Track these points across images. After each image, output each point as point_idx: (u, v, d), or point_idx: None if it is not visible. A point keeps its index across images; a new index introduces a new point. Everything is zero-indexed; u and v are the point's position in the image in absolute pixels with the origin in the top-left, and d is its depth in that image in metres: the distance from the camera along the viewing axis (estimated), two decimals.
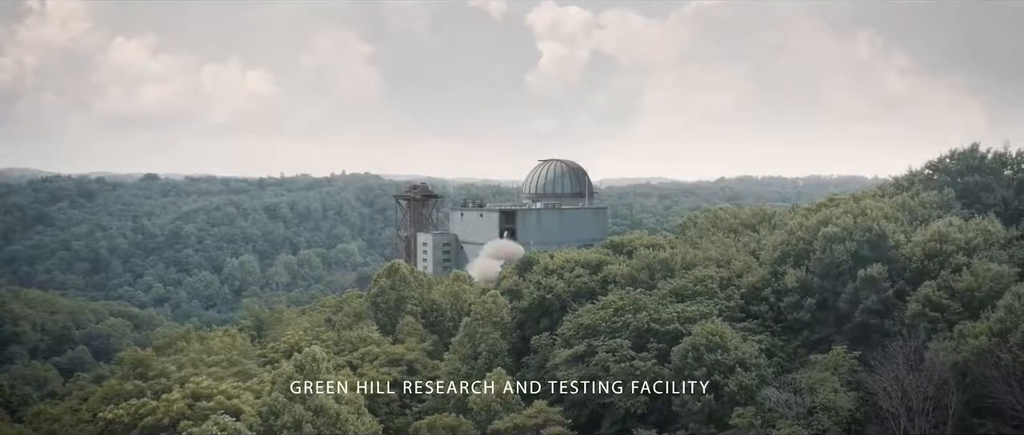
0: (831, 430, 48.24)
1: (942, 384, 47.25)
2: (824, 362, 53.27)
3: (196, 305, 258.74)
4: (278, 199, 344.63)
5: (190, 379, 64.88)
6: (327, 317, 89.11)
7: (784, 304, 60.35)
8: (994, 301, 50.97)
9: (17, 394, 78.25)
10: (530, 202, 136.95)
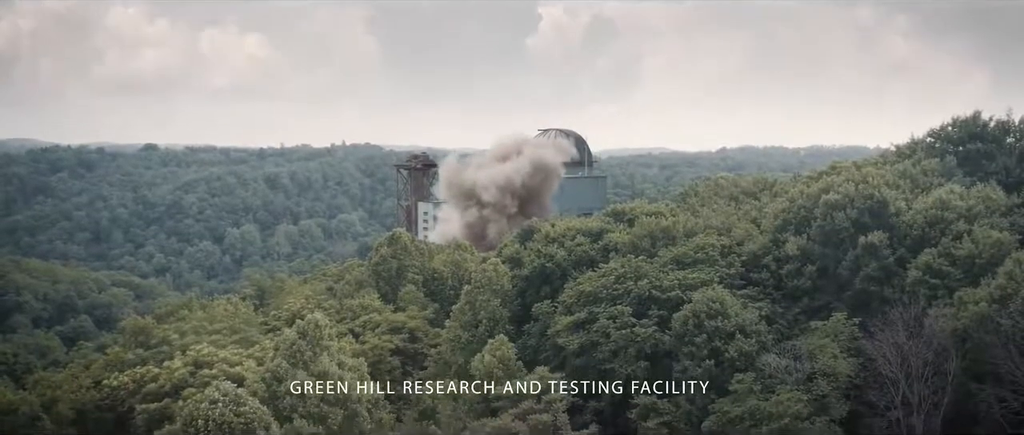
0: (830, 396, 48.53)
1: (942, 350, 47.50)
2: (824, 329, 53.46)
3: (197, 275, 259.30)
4: (278, 169, 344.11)
5: (192, 347, 65.29)
6: (328, 286, 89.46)
7: (784, 271, 60.45)
8: (994, 268, 51.10)
9: (21, 362, 78.76)
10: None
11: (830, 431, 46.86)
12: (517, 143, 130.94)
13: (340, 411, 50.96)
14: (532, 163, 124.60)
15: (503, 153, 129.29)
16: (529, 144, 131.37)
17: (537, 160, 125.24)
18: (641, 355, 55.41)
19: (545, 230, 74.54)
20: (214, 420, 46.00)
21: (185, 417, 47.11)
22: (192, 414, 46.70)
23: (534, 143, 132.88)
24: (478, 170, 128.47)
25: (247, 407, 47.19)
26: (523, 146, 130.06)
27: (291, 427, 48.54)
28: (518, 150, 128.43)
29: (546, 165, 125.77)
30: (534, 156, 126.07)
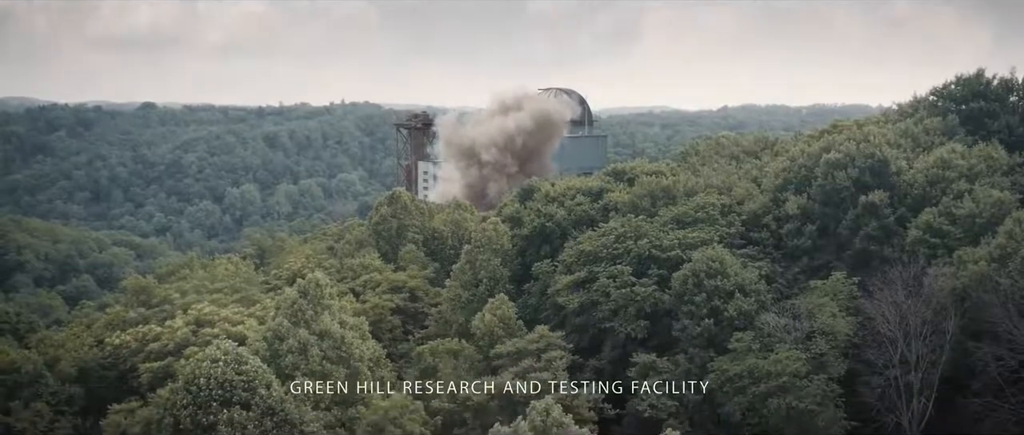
0: (829, 354, 48.82)
1: (940, 309, 47.68)
2: (823, 288, 53.60)
3: (198, 234, 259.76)
4: (277, 128, 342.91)
5: (193, 306, 65.49)
6: (329, 245, 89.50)
7: (785, 231, 60.44)
8: (995, 227, 51.11)
9: (23, 321, 78.88)
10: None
11: (828, 389, 47.19)
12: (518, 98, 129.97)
13: (342, 369, 51.30)
14: (533, 117, 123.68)
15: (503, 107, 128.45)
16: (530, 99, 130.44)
17: (539, 113, 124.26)
18: (641, 314, 55.63)
19: (545, 189, 74.42)
20: (216, 378, 46.29)
21: (187, 376, 47.38)
22: (194, 373, 46.98)
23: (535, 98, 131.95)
24: (478, 125, 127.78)
25: (248, 366, 47.48)
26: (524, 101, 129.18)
27: (293, 385, 48.89)
28: (519, 105, 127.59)
29: (549, 116, 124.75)
30: (536, 109, 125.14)
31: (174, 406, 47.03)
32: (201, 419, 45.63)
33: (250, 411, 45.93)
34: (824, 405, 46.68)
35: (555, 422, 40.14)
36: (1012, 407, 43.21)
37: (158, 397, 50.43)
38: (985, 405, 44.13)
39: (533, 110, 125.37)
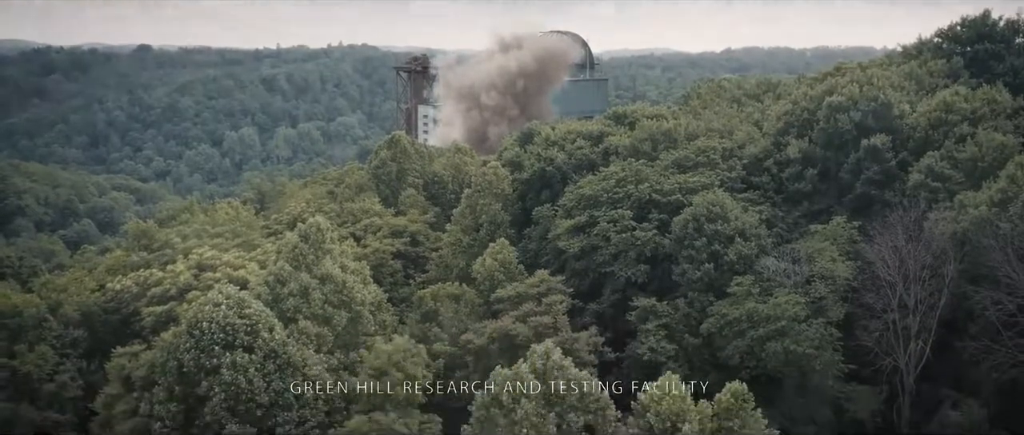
0: (828, 298, 49.00)
1: (940, 253, 47.71)
2: (823, 232, 53.59)
3: (197, 179, 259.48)
4: (275, 71, 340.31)
5: (195, 250, 65.62)
6: (329, 189, 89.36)
7: (786, 175, 60.26)
8: (996, 171, 50.90)
9: (26, 266, 79.20)
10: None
11: (826, 333, 47.49)
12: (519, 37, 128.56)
13: (343, 313, 51.61)
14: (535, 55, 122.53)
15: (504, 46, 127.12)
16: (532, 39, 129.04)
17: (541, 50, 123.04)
18: (641, 258, 55.73)
19: (545, 133, 74.03)
20: (218, 322, 46.63)
21: (190, 319, 47.71)
22: (196, 316, 47.29)
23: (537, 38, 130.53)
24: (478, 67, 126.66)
25: (251, 309, 47.76)
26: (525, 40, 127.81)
27: (295, 328, 49.24)
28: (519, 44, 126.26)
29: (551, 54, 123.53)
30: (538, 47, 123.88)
31: (177, 349, 47.46)
32: (204, 362, 46.11)
33: (252, 354, 46.37)
34: (822, 349, 47.00)
35: (555, 365, 40.52)
36: (1009, 350, 43.50)
37: (161, 341, 50.85)
38: (982, 348, 44.41)
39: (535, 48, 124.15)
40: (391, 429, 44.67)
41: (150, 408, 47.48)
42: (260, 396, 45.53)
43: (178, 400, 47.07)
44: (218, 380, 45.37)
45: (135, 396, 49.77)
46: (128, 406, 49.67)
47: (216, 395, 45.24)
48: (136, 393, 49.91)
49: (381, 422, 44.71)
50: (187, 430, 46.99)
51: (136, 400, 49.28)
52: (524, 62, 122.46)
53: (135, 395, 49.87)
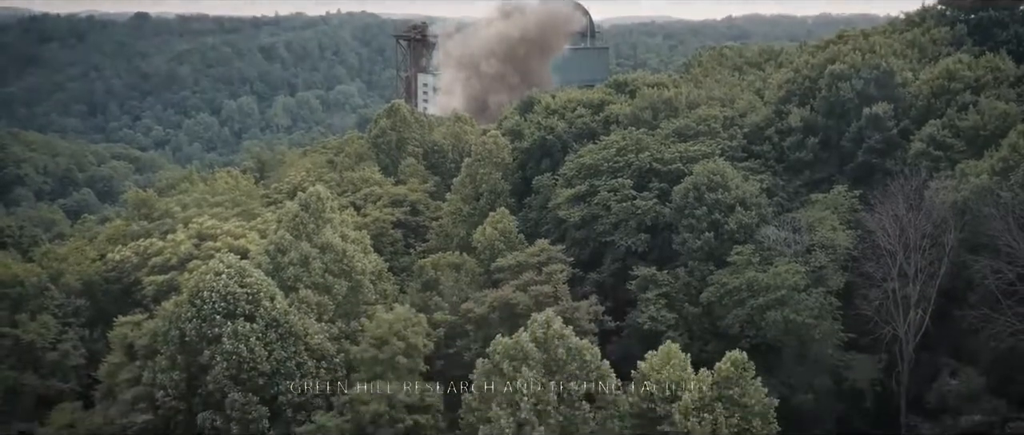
0: (828, 267, 49.05)
1: (940, 222, 47.67)
2: (824, 201, 53.51)
3: (196, 148, 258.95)
4: (274, 39, 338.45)
5: (195, 220, 65.65)
6: (329, 158, 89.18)
7: (787, 143, 60.07)
8: (998, 140, 50.70)
9: (26, 235, 79.18)
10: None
11: (826, 302, 47.61)
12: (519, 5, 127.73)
13: (343, 282, 51.72)
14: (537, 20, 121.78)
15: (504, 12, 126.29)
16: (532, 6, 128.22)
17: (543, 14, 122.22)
18: (641, 227, 55.72)
19: (546, 102, 73.69)
20: (219, 291, 46.76)
21: (191, 289, 47.85)
22: (198, 286, 47.43)
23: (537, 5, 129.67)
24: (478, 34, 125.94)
25: (252, 278, 47.87)
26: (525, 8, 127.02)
27: (295, 297, 49.37)
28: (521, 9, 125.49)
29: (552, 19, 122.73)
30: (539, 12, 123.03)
31: (179, 319, 47.65)
32: (206, 331, 46.32)
33: (254, 323, 46.56)
34: (821, 318, 47.13)
35: (556, 334, 40.69)
36: (1008, 319, 43.58)
37: (163, 310, 51.04)
38: (981, 317, 44.49)
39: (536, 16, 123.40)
40: (393, 397, 44.98)
41: (153, 377, 47.80)
42: (262, 365, 45.79)
43: (180, 369, 47.35)
44: (220, 349, 45.59)
45: (137, 365, 50.07)
46: (131, 375, 49.98)
47: (218, 364, 45.49)
48: (139, 362, 50.19)
49: (383, 390, 44.98)
50: (190, 399, 47.33)
51: (139, 369, 49.58)
52: (525, 30, 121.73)
53: (137, 364, 50.16)
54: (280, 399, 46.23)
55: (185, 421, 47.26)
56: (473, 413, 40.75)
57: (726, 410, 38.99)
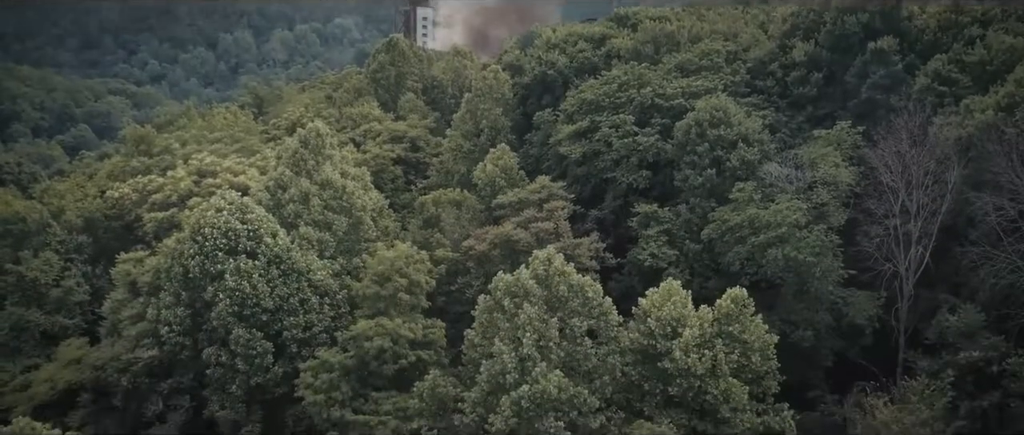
0: (830, 204, 48.92)
1: (943, 159, 47.42)
2: (827, 137, 53.08)
3: (193, 83, 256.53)
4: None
5: (194, 156, 65.38)
6: (327, 94, 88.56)
7: (791, 79, 59.37)
8: (1005, 75, 50.08)
9: (25, 171, 79.20)
10: None
11: (827, 240, 47.61)
12: None
13: (344, 219, 51.71)
14: None
15: None
16: None
17: None
18: (643, 164, 55.50)
19: (546, 36, 72.67)
20: (220, 228, 46.78)
21: (192, 225, 47.86)
22: (199, 222, 47.44)
23: None
24: None
25: (253, 215, 47.87)
26: None
27: (296, 234, 49.41)
28: None
29: None
30: None
31: (181, 255, 47.79)
32: (209, 268, 46.49)
33: (256, 260, 46.68)
34: (822, 255, 47.17)
35: (557, 271, 40.84)
36: (1008, 256, 43.64)
37: (165, 247, 51.18)
38: (982, 254, 44.55)
39: None
40: (396, 333, 45.36)
41: (157, 313, 48.15)
42: (265, 301, 46.07)
43: (184, 305, 47.68)
44: (223, 286, 45.82)
45: (141, 301, 50.43)
46: (135, 311, 50.38)
47: (221, 301, 45.77)
48: (142, 298, 50.55)
49: (386, 326, 45.35)
50: (194, 335, 47.78)
51: (142, 305, 49.95)
52: None
53: (141, 300, 50.51)
54: (284, 335, 46.67)
55: (190, 356, 47.81)
56: (475, 349, 41.17)
57: (726, 346, 39.43)
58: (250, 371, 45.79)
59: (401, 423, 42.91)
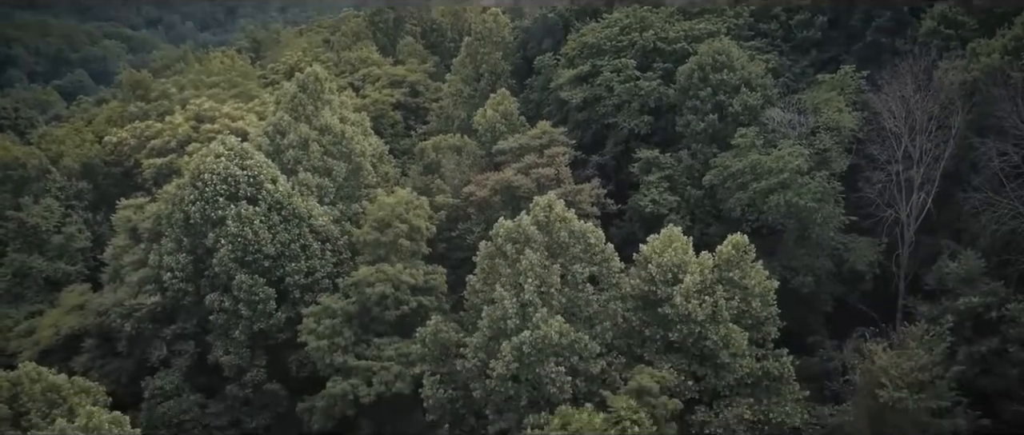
0: (832, 150, 48.62)
1: (948, 104, 46.94)
2: (831, 82, 52.51)
3: (189, 27, 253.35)
4: None
5: (192, 101, 64.94)
6: (325, 38, 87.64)
7: (794, 22, 58.54)
8: (1012, 18, 49.32)
9: (23, 117, 78.58)
10: None
11: (829, 186, 47.43)
12: None
13: (343, 165, 51.51)
14: None
15: None
16: None
17: None
18: (644, 109, 55.04)
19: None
20: (220, 173, 46.60)
21: (192, 171, 47.69)
22: (199, 168, 47.26)
23: None
24: None
25: (252, 160, 47.66)
26: None
27: (295, 180, 49.26)
28: None
29: None
30: None
31: (182, 201, 47.73)
32: (210, 214, 46.45)
33: (257, 206, 46.61)
34: (824, 201, 47.01)
35: (558, 217, 40.78)
36: (1011, 202, 43.45)
37: (165, 193, 51.09)
38: (984, 200, 44.37)
39: None
40: (397, 279, 45.49)
41: (159, 259, 48.26)
42: (267, 247, 46.12)
43: (186, 251, 47.75)
44: (224, 231, 45.84)
45: (143, 247, 50.50)
46: (137, 257, 50.49)
47: (223, 246, 45.83)
48: (144, 245, 50.61)
49: (387, 272, 45.48)
50: (197, 281, 47.94)
51: (144, 251, 50.04)
52: None
53: (143, 246, 50.60)
54: (286, 281, 46.83)
55: (193, 302, 48.02)
56: (477, 295, 41.29)
57: (726, 292, 39.52)
58: (253, 317, 46.04)
59: (404, 368, 43.33)
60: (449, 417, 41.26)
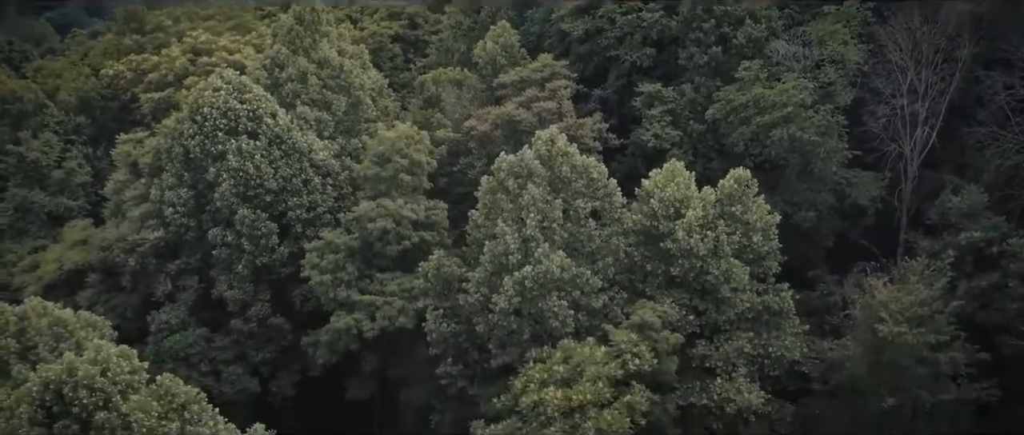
0: (837, 83, 48.13)
1: (955, 36, 46.36)
2: (837, 14, 51.52)
3: None
4: None
5: (189, 33, 64.07)
6: None
7: None
8: None
9: (17, 50, 77.41)
10: None
11: (832, 120, 47.08)
12: None
13: (343, 98, 51.06)
14: None
15: None
16: None
17: None
18: (647, 41, 54.15)
19: None
20: (219, 107, 46.21)
21: (191, 105, 47.27)
22: (198, 102, 46.84)
23: None
24: None
25: (251, 94, 47.22)
26: None
27: (294, 114, 48.89)
28: None
29: None
30: None
31: (182, 136, 47.44)
32: (210, 148, 46.20)
33: (257, 140, 46.35)
34: (827, 135, 46.73)
35: (560, 151, 40.57)
36: (1016, 136, 43.28)
37: (164, 127, 50.75)
38: (988, 134, 44.20)
39: None
40: (398, 214, 45.49)
41: (160, 194, 48.16)
42: (268, 182, 46.00)
43: (187, 186, 47.63)
44: (225, 166, 45.66)
45: (143, 182, 50.37)
46: (138, 192, 50.40)
47: (225, 181, 45.70)
48: (144, 179, 50.47)
49: (388, 207, 45.45)
50: (199, 215, 47.93)
51: (145, 186, 49.92)
52: None
53: (143, 181, 50.47)
54: (288, 215, 46.82)
55: (196, 237, 48.10)
56: (479, 229, 41.33)
57: (728, 227, 39.56)
58: (256, 251, 46.15)
59: (407, 303, 43.62)
60: (452, 351, 41.70)
